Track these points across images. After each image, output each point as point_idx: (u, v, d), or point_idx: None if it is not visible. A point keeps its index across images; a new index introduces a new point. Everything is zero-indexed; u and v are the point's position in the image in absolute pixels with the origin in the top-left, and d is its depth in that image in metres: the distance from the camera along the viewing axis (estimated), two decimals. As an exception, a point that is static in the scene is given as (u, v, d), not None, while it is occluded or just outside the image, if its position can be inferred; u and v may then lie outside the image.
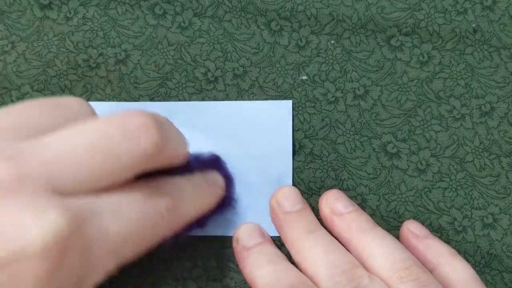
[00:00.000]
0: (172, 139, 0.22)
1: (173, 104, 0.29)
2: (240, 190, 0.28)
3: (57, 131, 0.19)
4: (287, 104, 0.29)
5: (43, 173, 0.18)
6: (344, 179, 0.29)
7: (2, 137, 0.19)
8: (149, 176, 0.22)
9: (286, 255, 0.26)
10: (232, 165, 0.28)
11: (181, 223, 0.23)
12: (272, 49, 0.30)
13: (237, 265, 0.28)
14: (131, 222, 0.20)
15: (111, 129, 0.19)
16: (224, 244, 0.28)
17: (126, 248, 0.20)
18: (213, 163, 0.27)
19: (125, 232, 0.20)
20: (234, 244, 0.27)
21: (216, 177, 0.27)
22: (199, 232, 0.28)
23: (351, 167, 0.29)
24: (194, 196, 0.24)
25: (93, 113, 0.23)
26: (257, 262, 0.25)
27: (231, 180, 0.28)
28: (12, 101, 0.30)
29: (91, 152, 0.19)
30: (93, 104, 0.29)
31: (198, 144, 0.28)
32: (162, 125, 0.21)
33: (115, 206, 0.20)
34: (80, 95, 0.30)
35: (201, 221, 0.26)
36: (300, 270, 0.25)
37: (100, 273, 0.20)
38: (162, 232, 0.22)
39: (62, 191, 0.18)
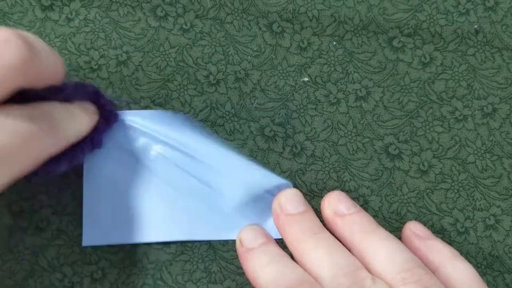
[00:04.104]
0: (41, 53, 0.22)
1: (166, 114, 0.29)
2: (241, 194, 0.28)
3: None
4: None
5: None
6: (346, 180, 0.29)
7: None
8: (27, 101, 0.23)
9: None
10: (233, 169, 0.28)
11: (62, 142, 0.23)
12: (273, 51, 0.30)
13: (238, 268, 0.28)
14: (6, 135, 0.20)
15: None
16: (226, 247, 0.28)
17: (8, 161, 0.20)
18: (91, 94, 0.26)
19: (2, 145, 0.20)
20: (238, 246, 0.27)
21: (89, 107, 0.26)
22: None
23: (353, 168, 0.29)
24: (69, 119, 0.24)
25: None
26: (260, 261, 0.25)
27: (108, 112, 0.27)
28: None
29: None
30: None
31: (198, 148, 0.28)
32: (28, 40, 0.21)
33: None
34: (82, 97, 0.30)
35: (93, 141, 0.26)
36: (303, 273, 0.25)
37: None
38: (44, 149, 0.22)
39: None
